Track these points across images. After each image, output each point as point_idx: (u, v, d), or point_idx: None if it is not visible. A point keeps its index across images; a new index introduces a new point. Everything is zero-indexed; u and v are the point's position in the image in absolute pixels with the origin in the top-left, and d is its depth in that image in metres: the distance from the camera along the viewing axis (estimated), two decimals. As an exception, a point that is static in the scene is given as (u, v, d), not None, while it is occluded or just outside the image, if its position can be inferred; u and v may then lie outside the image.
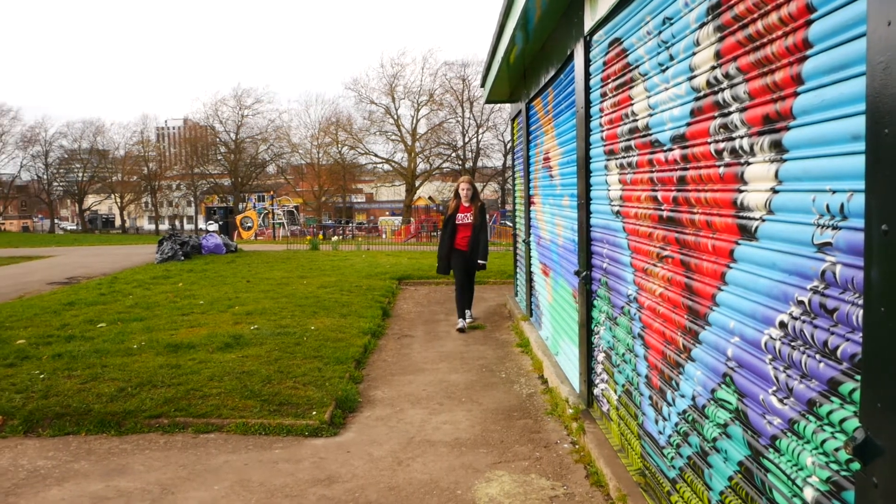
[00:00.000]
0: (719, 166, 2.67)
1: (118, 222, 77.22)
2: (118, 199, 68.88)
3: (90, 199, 72.63)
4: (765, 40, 2.27)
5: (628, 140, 3.87)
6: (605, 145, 4.38)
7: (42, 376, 5.94)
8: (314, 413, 5.16)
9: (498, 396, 5.84)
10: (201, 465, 4.39)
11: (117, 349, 6.94)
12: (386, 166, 58.04)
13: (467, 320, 8.85)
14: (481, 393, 5.94)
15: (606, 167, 4.37)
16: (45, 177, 69.02)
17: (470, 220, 8.83)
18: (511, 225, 11.13)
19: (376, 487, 4.04)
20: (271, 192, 59.11)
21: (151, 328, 8.09)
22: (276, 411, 5.21)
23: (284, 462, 4.41)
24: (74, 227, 79.21)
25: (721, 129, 2.63)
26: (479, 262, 8.75)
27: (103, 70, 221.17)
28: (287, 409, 5.26)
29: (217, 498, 3.93)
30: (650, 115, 3.48)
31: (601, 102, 4.46)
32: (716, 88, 2.67)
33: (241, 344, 7.14)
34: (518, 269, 9.94)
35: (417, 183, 55.52)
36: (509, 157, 48.15)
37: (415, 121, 54.04)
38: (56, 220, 75.09)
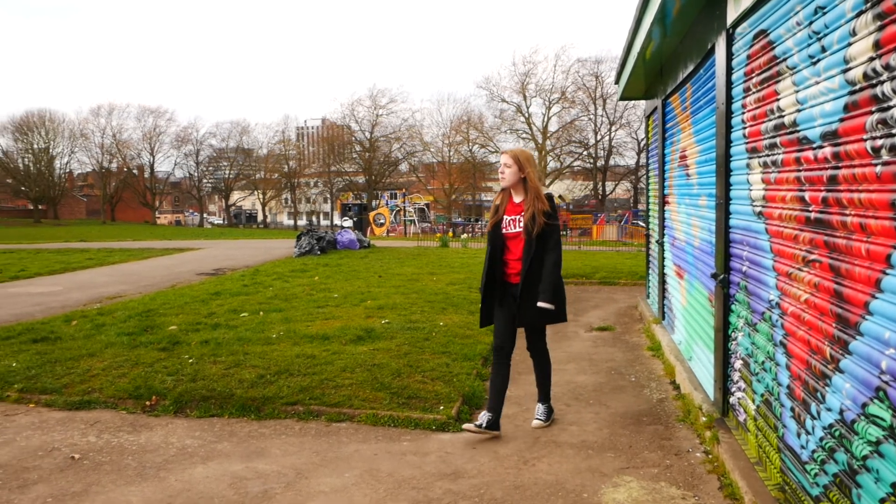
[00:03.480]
0: (876, 165, 2.49)
1: (260, 217, 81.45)
2: (260, 196, 72.67)
3: (235, 196, 77.05)
4: (932, 28, 2.09)
5: (773, 137, 3.67)
6: (747, 143, 4.18)
7: (191, 361, 6.35)
8: (441, 408, 5.23)
9: (627, 400, 5.70)
10: (333, 452, 4.55)
11: (258, 338, 7.32)
12: (516, 165, 57.94)
13: (539, 420, 5.11)
14: (610, 396, 5.83)
15: (748, 166, 4.17)
16: (195, 174, 73.87)
17: (519, 230, 4.80)
18: (643, 225, 10.82)
19: (501, 485, 4.05)
20: (403, 190, 60.56)
21: (289, 319, 8.47)
22: (405, 404, 5.33)
23: (412, 454, 4.49)
24: (220, 222, 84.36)
25: (879, 125, 2.45)
26: (538, 303, 4.72)
27: (251, 73, 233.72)
28: (415, 402, 5.36)
29: (347, 485, 4.06)
30: (798, 111, 3.29)
31: (744, 98, 4.26)
32: (874, 81, 2.48)
33: (373, 337, 7.34)
34: (650, 271, 9.66)
35: (548, 181, 55.12)
36: (643, 155, 46.97)
37: (546, 119, 53.79)
38: (205, 215, 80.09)
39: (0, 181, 73.36)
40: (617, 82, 9.60)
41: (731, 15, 4.40)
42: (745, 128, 4.22)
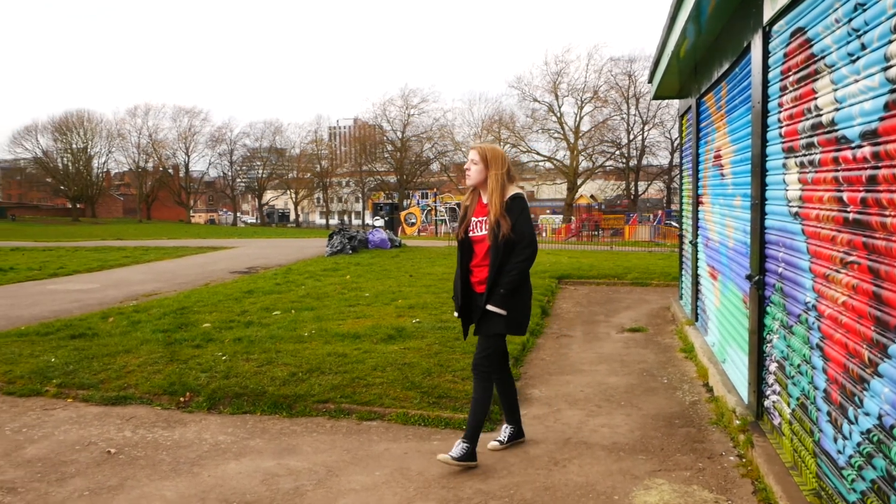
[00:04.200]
0: (917, 165, 2.43)
1: (292, 216, 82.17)
2: (293, 195, 73.32)
3: (268, 195, 77.85)
4: (977, 24, 2.04)
5: (810, 136, 3.61)
6: (783, 142, 4.12)
7: (224, 358, 6.43)
8: (471, 407, 5.23)
9: (659, 402, 5.65)
10: (363, 450, 4.57)
11: (290, 336, 7.38)
12: (547, 164, 57.82)
13: (448, 455, 4.26)
14: (641, 398, 5.78)
15: (784, 165, 4.10)
16: (229, 173, 74.81)
17: (485, 232, 4.35)
18: (676, 225, 10.68)
19: (531, 486, 4.04)
20: (434, 190, 60.56)
21: (321, 318, 8.52)
22: (435, 403, 5.33)
23: (442, 454, 4.49)
24: (254, 221, 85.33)
25: (920, 124, 2.39)
26: (488, 305, 4.25)
27: (284, 74, 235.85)
28: (445, 402, 5.36)
29: (378, 483, 4.08)
30: (836, 110, 3.23)
31: (780, 97, 4.19)
32: (915, 79, 2.43)
33: (404, 336, 7.36)
34: (683, 271, 9.56)
35: (579, 181, 54.82)
36: (676, 155, 46.50)
37: (578, 118, 53.43)
38: (238, 214, 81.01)
39: (40, 180, 75.10)
40: (650, 81, 9.51)
41: (768, 12, 4.33)
42: (781, 127, 4.16)
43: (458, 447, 4.27)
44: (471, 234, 4.44)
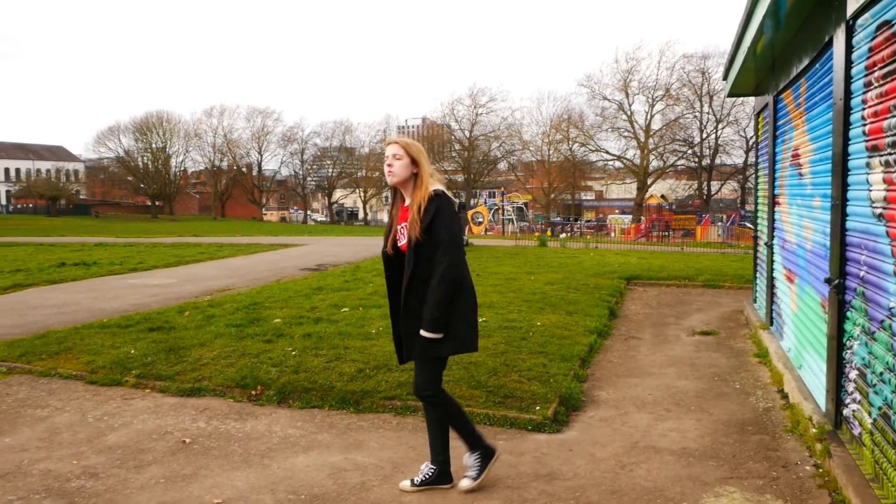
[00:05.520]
0: None
1: (361, 215, 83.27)
2: (362, 194, 74.32)
3: (337, 193, 79.13)
4: None
5: (896, 135, 3.46)
6: (867, 140, 3.96)
7: (294, 353, 6.55)
8: (537, 408, 5.20)
9: (731, 407, 5.50)
10: (429, 448, 4.58)
11: (358, 333, 7.47)
12: (617, 163, 57.05)
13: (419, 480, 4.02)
14: (712, 402, 5.64)
15: (868, 165, 3.94)
16: (300, 172, 76.41)
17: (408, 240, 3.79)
18: (750, 226, 10.40)
19: (598, 489, 3.98)
20: (502, 189, 60.41)
21: (387, 315, 8.58)
22: (501, 403, 5.32)
23: (507, 454, 4.48)
24: (323, 219, 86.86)
25: None
26: (421, 332, 3.72)
27: (355, 74, 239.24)
28: (511, 401, 5.34)
29: (443, 481, 4.08)
30: (925, 107, 3.08)
31: (864, 93, 4.03)
32: None
33: (469, 335, 7.35)
34: (758, 274, 9.29)
35: (649, 181, 53.85)
36: (751, 154, 45.21)
37: (649, 116, 52.53)
38: (308, 212, 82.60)
39: (122, 178, 78.28)
40: (725, 78, 9.26)
41: (852, 6, 4.17)
42: (864, 125, 4.00)
43: (472, 462, 3.99)
44: (399, 243, 3.88)
